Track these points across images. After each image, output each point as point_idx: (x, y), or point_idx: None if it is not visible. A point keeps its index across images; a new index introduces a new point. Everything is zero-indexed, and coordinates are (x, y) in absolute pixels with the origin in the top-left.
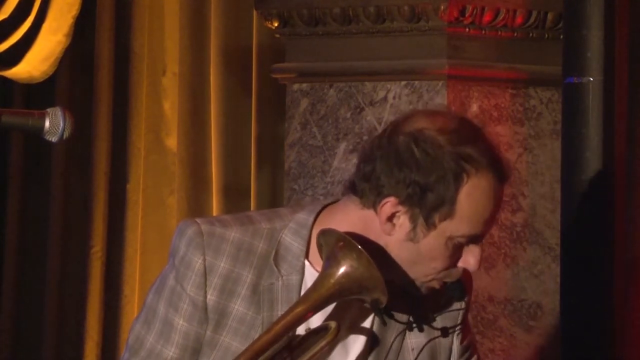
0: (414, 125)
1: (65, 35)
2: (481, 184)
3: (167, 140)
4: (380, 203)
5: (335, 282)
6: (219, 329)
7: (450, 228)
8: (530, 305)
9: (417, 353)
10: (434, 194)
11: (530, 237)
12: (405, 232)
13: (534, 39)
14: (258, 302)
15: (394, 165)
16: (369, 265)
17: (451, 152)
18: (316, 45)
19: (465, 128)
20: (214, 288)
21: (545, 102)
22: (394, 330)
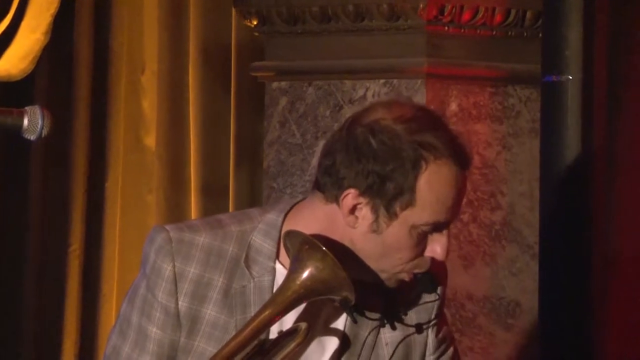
0: (371, 116)
1: (44, 34)
2: (441, 170)
3: (146, 139)
4: (341, 196)
5: (300, 284)
6: (193, 335)
7: (413, 217)
8: (509, 304)
9: (392, 348)
10: (393, 183)
11: (509, 236)
12: (368, 223)
13: (513, 37)
14: (230, 305)
15: (353, 157)
16: (334, 266)
17: (408, 140)
18: (295, 44)
19: (423, 116)
20: (185, 294)
21: (524, 100)
22: (367, 326)
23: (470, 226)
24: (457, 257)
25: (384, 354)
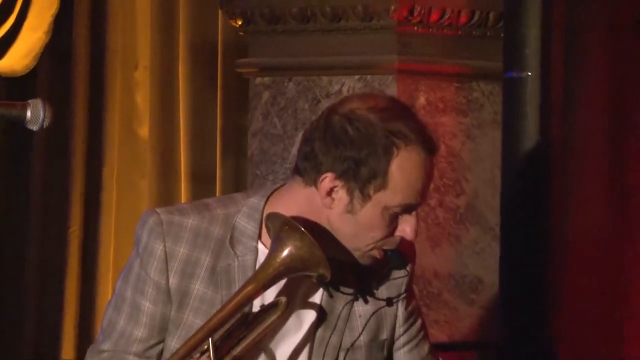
0: (347, 106)
1: (45, 33)
2: (411, 156)
3: (139, 129)
4: (319, 179)
5: (280, 262)
6: (182, 309)
7: (385, 199)
8: (472, 280)
9: (364, 320)
10: (367, 168)
11: (473, 218)
12: (343, 204)
13: (477, 36)
14: (216, 282)
15: (330, 143)
16: (311, 245)
17: (381, 128)
18: (276, 42)
19: (394, 107)
20: (175, 272)
21: (487, 94)
22: (342, 300)
23: (437, 210)
24: (425, 238)
25: (357, 325)
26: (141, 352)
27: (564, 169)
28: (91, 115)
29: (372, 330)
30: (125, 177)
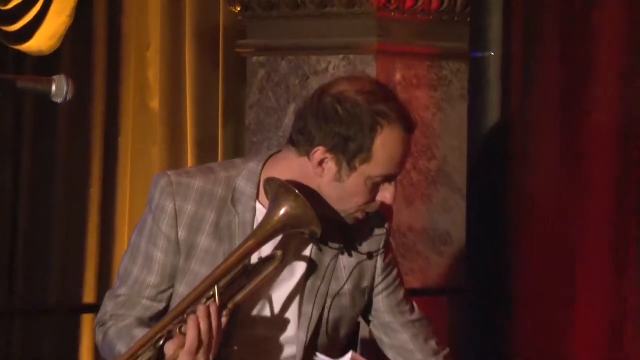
0: (337, 88)
1: (69, 17)
2: (392, 134)
3: (151, 102)
4: (312, 151)
5: (278, 219)
6: (190, 259)
7: (369, 170)
8: (442, 234)
9: (348, 272)
10: (354, 143)
11: (443, 180)
12: (332, 174)
13: (446, 21)
14: (220, 236)
15: (322, 121)
16: (304, 206)
17: (367, 109)
18: (271, 26)
19: (378, 90)
20: (183, 226)
21: (455, 72)
22: (329, 254)
23: (411, 173)
24: (401, 197)
25: (342, 276)
26: (153, 297)
27: (522, 137)
28: (108, 90)
29: (355, 279)
30: (139, 144)
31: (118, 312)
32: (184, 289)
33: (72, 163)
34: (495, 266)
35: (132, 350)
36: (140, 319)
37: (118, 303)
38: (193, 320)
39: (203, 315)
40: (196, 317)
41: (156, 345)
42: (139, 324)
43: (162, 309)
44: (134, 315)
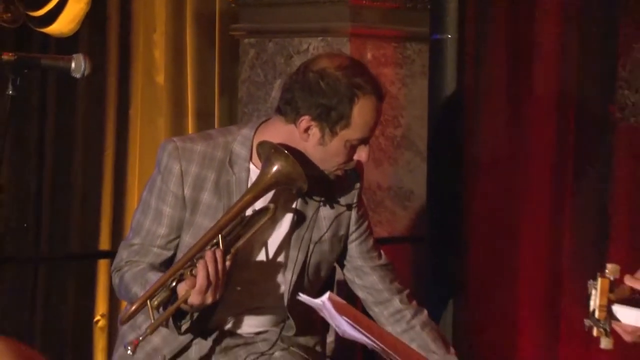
0: (319, 65)
1: (86, 3)
2: (367, 103)
3: (157, 78)
4: (298, 120)
5: (271, 177)
6: (194, 213)
7: (348, 134)
8: (406, 191)
9: (328, 222)
10: (335, 112)
11: (407, 145)
12: (317, 139)
13: (410, 8)
14: (219, 193)
15: (307, 93)
16: (293, 164)
17: (346, 82)
18: (260, 12)
19: (354, 65)
20: (188, 185)
21: (417, 52)
22: (313, 207)
23: (379, 139)
24: (371, 160)
25: (323, 225)
26: (163, 245)
27: (475, 107)
28: (120, 67)
29: (333, 228)
30: (146, 115)
31: (133, 259)
32: (190, 238)
33: (89, 130)
34: (451, 218)
35: (149, 291)
36: (152, 264)
37: (132, 251)
38: (202, 264)
39: (210, 259)
40: (204, 261)
41: (170, 286)
42: (151, 269)
43: (171, 255)
44: (146, 261)
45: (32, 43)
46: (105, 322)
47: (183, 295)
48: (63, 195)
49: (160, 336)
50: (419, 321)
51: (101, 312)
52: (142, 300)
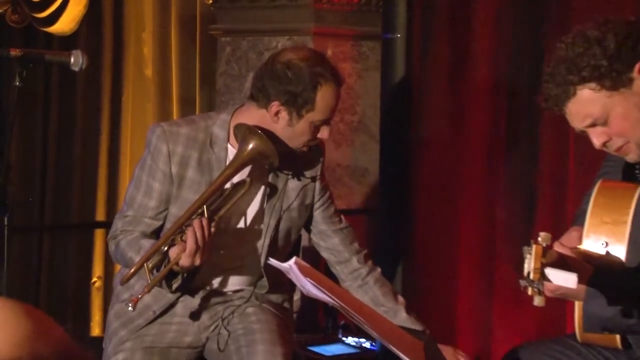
0: (285, 57)
1: (84, 6)
2: (328, 89)
3: (146, 70)
4: (269, 105)
5: (247, 154)
6: (180, 188)
7: (312, 116)
8: (362, 169)
9: (296, 193)
10: (301, 98)
11: (362, 129)
12: (285, 121)
13: (365, 10)
14: (202, 170)
15: (276, 82)
16: (267, 142)
17: (309, 72)
18: (235, 14)
19: (316, 57)
20: (175, 163)
21: (371, 49)
22: (283, 179)
23: (339, 124)
24: (332, 142)
25: (291, 195)
26: (153, 216)
27: (421, 97)
28: (114, 61)
29: (300, 198)
30: (137, 102)
31: (127, 228)
32: (176, 210)
33: (87, 115)
34: (400, 192)
35: (145, 255)
36: (143, 232)
37: (126, 222)
38: (191, 230)
39: (198, 226)
40: (193, 228)
41: (163, 251)
42: (143, 237)
43: (160, 225)
44: (139, 230)
45: (37, 41)
46: (101, 283)
47: (175, 258)
48: (64, 172)
49: (151, 294)
50: (373, 278)
51: (98, 275)
52: (140, 263)
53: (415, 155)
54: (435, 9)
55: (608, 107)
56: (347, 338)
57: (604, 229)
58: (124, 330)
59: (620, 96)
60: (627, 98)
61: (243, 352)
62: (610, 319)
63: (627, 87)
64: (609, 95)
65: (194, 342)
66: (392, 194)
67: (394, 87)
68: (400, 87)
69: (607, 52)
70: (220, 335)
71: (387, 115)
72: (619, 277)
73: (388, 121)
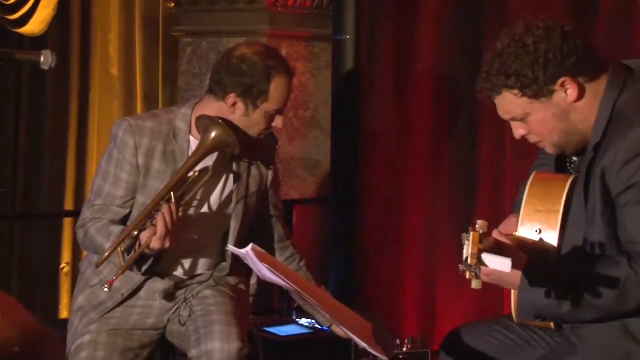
0: (240, 51)
1: (53, 9)
2: (281, 81)
3: (112, 69)
4: (227, 97)
5: (209, 143)
6: (147, 177)
7: (267, 107)
8: (314, 162)
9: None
10: (256, 89)
11: (314, 124)
12: (242, 111)
13: (317, 14)
14: (166, 161)
15: (232, 75)
16: (228, 132)
17: (263, 64)
18: (196, 17)
19: (268, 51)
20: (141, 155)
21: (323, 50)
22: (244, 166)
23: (293, 120)
24: (286, 136)
25: (252, 183)
26: (121, 205)
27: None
28: (81, 61)
29: (258, 183)
30: (103, 99)
31: (96, 216)
32: (143, 198)
33: (56, 112)
34: (350, 183)
35: (118, 240)
36: (112, 220)
37: (95, 210)
38: (161, 215)
39: (167, 211)
40: (163, 213)
41: (134, 235)
42: (112, 224)
43: (127, 213)
44: (107, 218)
45: (9, 41)
46: (69, 268)
47: (146, 241)
48: (35, 164)
49: (120, 278)
50: (304, 263)
51: (66, 261)
52: (114, 246)
53: (364, 148)
54: (382, 13)
55: (528, 111)
56: (300, 319)
57: (537, 217)
58: (94, 312)
59: (541, 105)
60: (546, 107)
61: (201, 333)
62: (543, 307)
63: (548, 97)
64: (529, 102)
65: (157, 324)
66: (343, 185)
67: (344, 84)
68: (349, 85)
69: (535, 64)
70: (181, 316)
71: (337, 111)
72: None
73: (339, 117)
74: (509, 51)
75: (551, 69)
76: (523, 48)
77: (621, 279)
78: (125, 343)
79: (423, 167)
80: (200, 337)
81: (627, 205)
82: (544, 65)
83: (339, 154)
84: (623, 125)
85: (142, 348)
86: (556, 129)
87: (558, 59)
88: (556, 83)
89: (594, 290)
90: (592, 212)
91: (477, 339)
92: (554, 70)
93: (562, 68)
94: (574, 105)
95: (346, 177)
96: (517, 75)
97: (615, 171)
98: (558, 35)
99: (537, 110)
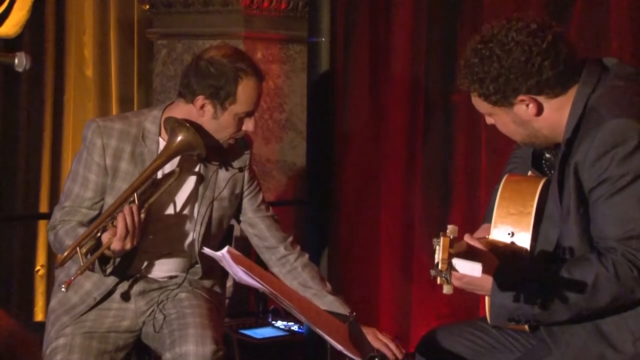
0: (208, 54)
1: (28, 11)
2: (249, 82)
3: (87, 71)
4: (195, 100)
5: (175, 145)
6: (115, 179)
7: (235, 109)
8: (290, 163)
9: (225, 181)
10: (224, 91)
11: (290, 126)
12: (210, 114)
13: (292, 16)
14: (135, 162)
15: (200, 78)
16: (194, 135)
17: (231, 67)
18: (170, 19)
19: (237, 53)
20: (109, 156)
21: (298, 52)
22: (212, 169)
23: (268, 121)
24: (261, 138)
25: (221, 185)
26: (89, 206)
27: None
28: (56, 63)
29: (230, 187)
30: (78, 101)
31: (65, 218)
32: (111, 200)
33: (31, 113)
34: (326, 184)
35: (78, 240)
36: (81, 222)
37: (64, 212)
38: (121, 216)
39: (128, 213)
40: (123, 214)
41: (95, 236)
42: (80, 226)
43: (96, 214)
44: (76, 219)
45: None
46: (44, 271)
47: (106, 242)
48: (9, 167)
49: (92, 282)
50: (300, 263)
51: (41, 263)
52: (72, 247)
53: (340, 150)
54: (357, 15)
55: (490, 112)
56: (276, 322)
57: (509, 220)
58: (66, 317)
59: (501, 110)
60: (506, 113)
61: (176, 336)
62: (515, 309)
63: (508, 107)
64: (491, 106)
65: (132, 327)
66: (319, 187)
67: (319, 87)
68: (325, 87)
69: (499, 77)
70: (156, 319)
71: (313, 113)
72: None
73: (314, 119)
74: (481, 54)
75: (513, 82)
76: (490, 58)
77: (592, 276)
78: (100, 346)
79: (398, 168)
80: (175, 340)
81: (598, 200)
82: (504, 82)
83: (315, 155)
84: (595, 120)
85: (118, 351)
86: (517, 132)
87: (519, 79)
88: (516, 98)
89: (565, 289)
90: (567, 207)
91: (452, 341)
92: (513, 87)
93: (522, 87)
94: (535, 118)
95: (322, 179)
96: (480, 82)
97: (588, 166)
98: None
99: (498, 114)
